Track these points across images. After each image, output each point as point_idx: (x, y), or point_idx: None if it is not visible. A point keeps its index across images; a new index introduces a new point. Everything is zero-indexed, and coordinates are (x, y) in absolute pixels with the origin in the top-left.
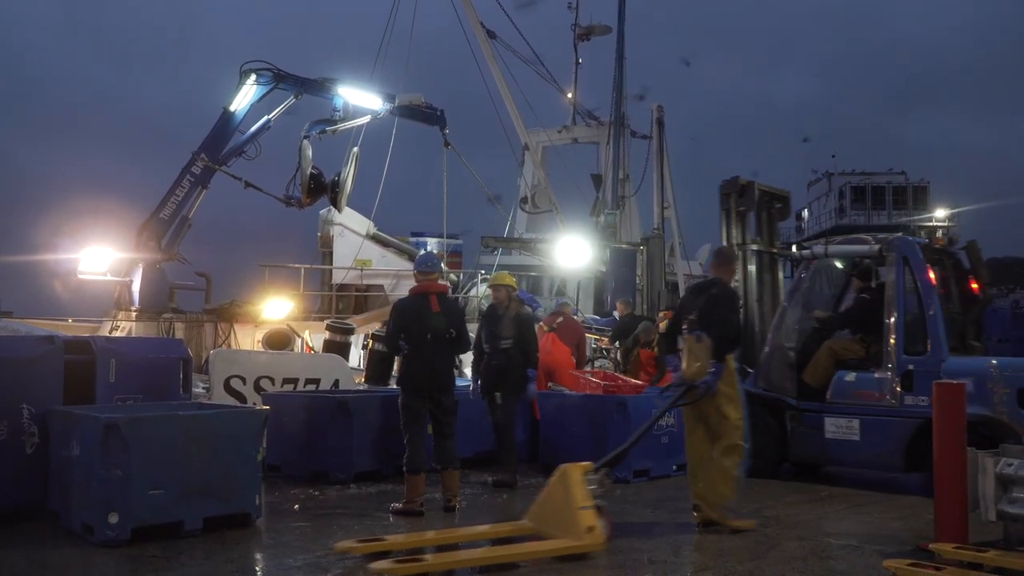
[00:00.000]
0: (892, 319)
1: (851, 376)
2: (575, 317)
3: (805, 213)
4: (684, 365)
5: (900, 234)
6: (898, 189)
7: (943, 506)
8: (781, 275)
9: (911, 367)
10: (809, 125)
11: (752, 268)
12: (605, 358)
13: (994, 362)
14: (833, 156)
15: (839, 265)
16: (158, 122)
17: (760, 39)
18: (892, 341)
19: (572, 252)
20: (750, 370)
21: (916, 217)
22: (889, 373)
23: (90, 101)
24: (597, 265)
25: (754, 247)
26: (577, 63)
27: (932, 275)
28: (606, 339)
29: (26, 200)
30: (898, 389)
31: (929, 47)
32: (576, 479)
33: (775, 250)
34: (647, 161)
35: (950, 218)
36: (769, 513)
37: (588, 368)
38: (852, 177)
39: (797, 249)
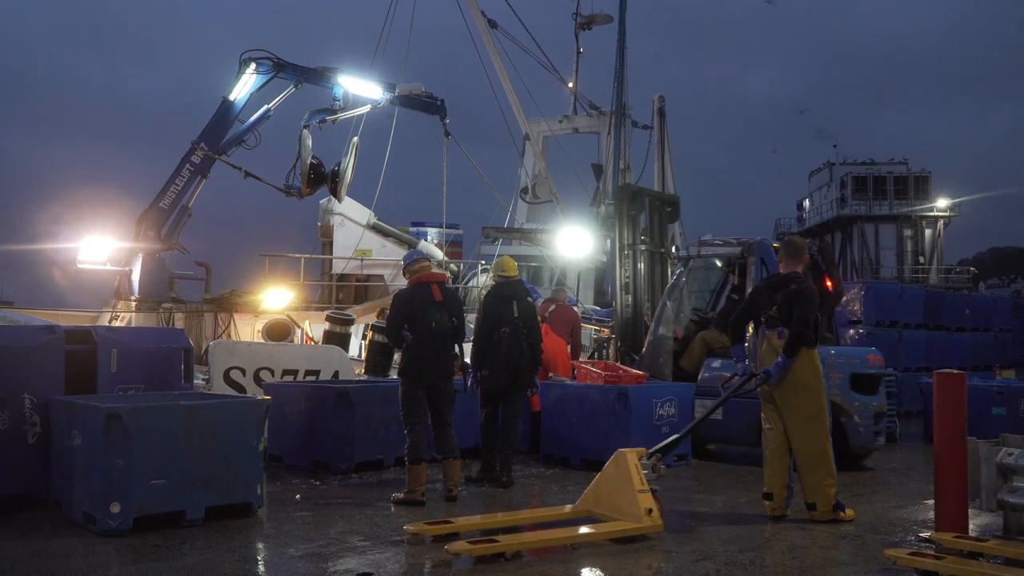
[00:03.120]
0: None
1: (717, 363)
2: (574, 307)
3: (806, 203)
4: (764, 359)
5: (760, 238)
6: (899, 179)
7: (943, 495)
8: (669, 271)
9: None
10: (806, 118)
11: (642, 265)
12: (607, 348)
13: (832, 351)
14: (835, 146)
15: (718, 263)
16: (152, 113)
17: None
18: (750, 332)
19: (573, 242)
20: (636, 357)
21: (917, 207)
22: (747, 360)
23: (85, 93)
24: (598, 256)
25: (643, 247)
26: (578, 52)
27: None
28: (607, 330)
29: (25, 190)
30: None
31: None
32: (633, 463)
33: (662, 250)
34: (648, 151)
35: (951, 208)
36: None
37: (589, 359)
38: (854, 167)
39: (676, 250)
